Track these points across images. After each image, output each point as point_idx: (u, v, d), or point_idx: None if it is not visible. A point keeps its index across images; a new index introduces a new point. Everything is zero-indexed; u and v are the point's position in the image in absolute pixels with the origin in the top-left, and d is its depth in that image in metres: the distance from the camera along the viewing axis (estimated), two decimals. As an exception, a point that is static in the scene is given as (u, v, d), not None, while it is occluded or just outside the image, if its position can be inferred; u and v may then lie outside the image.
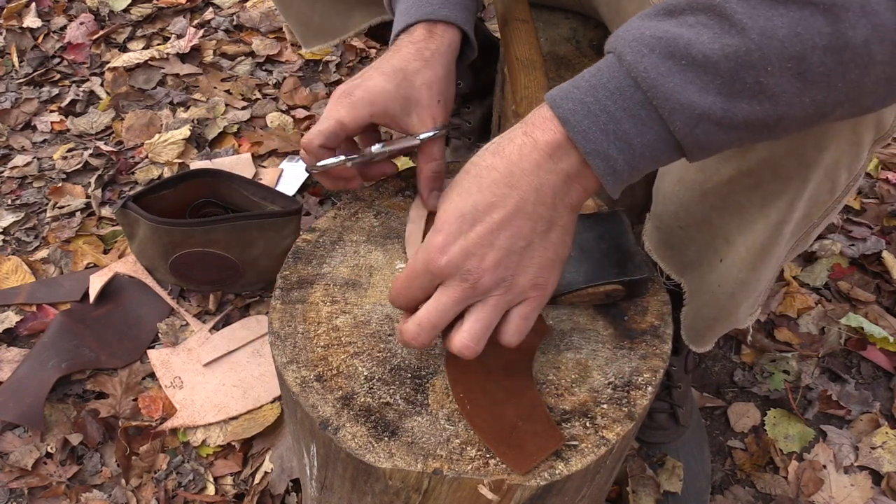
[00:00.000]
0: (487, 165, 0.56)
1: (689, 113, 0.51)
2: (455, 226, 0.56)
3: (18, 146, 1.69)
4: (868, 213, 1.58)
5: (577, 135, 0.53)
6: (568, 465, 0.60)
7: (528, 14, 0.93)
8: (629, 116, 0.52)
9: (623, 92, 0.52)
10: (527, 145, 0.55)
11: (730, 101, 0.51)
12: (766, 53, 0.49)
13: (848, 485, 1.16)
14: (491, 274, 0.56)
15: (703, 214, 0.76)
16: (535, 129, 0.56)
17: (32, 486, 1.12)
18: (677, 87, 0.50)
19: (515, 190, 0.55)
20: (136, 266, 1.40)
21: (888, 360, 1.32)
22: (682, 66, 0.50)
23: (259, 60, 1.94)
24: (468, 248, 0.55)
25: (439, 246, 0.56)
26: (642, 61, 0.51)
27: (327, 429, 0.62)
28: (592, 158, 0.54)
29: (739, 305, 0.82)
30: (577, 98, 0.54)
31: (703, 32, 0.50)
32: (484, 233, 0.55)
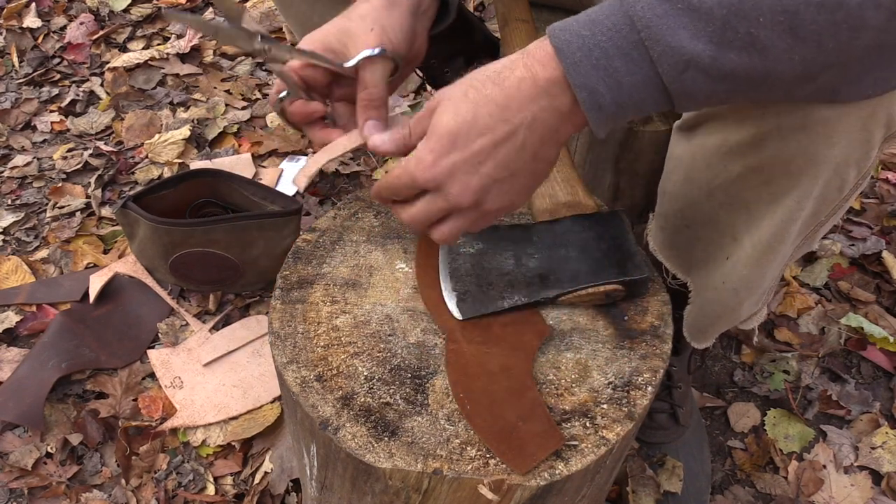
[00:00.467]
0: (486, 94, 0.57)
1: (677, 57, 0.52)
2: (446, 143, 0.57)
3: (18, 146, 1.69)
4: (868, 213, 1.58)
5: (568, 66, 0.54)
6: (568, 465, 0.60)
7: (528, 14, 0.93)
8: (621, 54, 0.53)
9: (619, 29, 0.53)
10: (526, 80, 0.56)
11: (719, 49, 0.51)
12: (759, 3, 0.49)
13: (848, 485, 1.16)
14: (470, 197, 0.59)
15: (711, 212, 0.75)
16: (536, 63, 0.56)
17: (32, 486, 1.12)
18: (670, 30, 0.51)
19: (509, 123, 0.57)
20: (136, 266, 1.40)
21: (888, 360, 1.32)
22: (678, 9, 0.51)
23: (259, 60, 1.94)
24: (455, 168, 0.58)
25: (429, 164, 0.58)
26: (640, 1, 0.52)
27: (327, 429, 0.62)
28: (580, 91, 0.55)
29: (743, 303, 0.82)
30: (574, 30, 0.54)
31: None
32: (471, 156, 0.58)
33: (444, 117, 0.58)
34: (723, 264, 0.79)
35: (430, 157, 0.58)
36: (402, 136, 0.64)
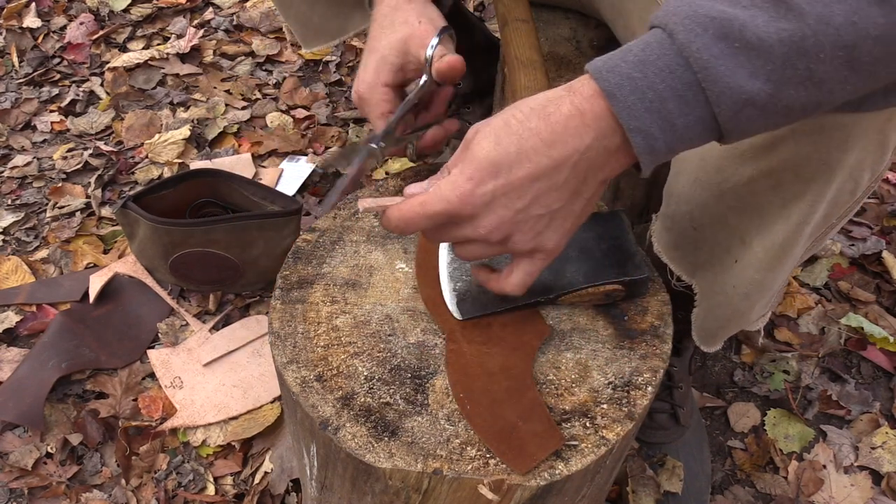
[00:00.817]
0: (531, 127, 0.55)
1: (736, 98, 0.50)
2: (486, 172, 0.55)
3: (18, 146, 1.69)
4: (868, 213, 1.58)
5: (621, 110, 0.52)
6: (568, 465, 0.60)
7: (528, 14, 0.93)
8: (675, 96, 0.51)
9: (672, 70, 0.51)
10: (574, 118, 0.54)
11: (778, 86, 0.50)
12: (820, 40, 0.48)
13: (848, 485, 1.16)
14: (501, 232, 0.57)
15: (720, 215, 0.75)
16: (582, 101, 0.54)
17: (32, 486, 1.12)
18: (728, 71, 0.49)
19: (552, 160, 0.55)
20: (136, 266, 1.40)
21: (888, 360, 1.32)
22: (735, 48, 0.49)
23: (259, 60, 1.94)
24: (493, 198, 0.56)
25: (467, 188, 0.55)
26: (695, 41, 0.50)
27: (327, 429, 0.62)
28: (634, 135, 0.53)
29: (754, 306, 0.82)
30: (623, 72, 0.52)
31: (758, 15, 0.49)
32: (511, 189, 0.55)
33: (484, 144, 0.56)
34: (731, 267, 0.78)
35: (468, 184, 0.55)
36: (441, 175, 0.60)
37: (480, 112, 1.48)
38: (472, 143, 0.57)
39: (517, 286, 0.62)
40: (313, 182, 1.61)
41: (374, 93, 0.77)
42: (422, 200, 0.57)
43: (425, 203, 0.57)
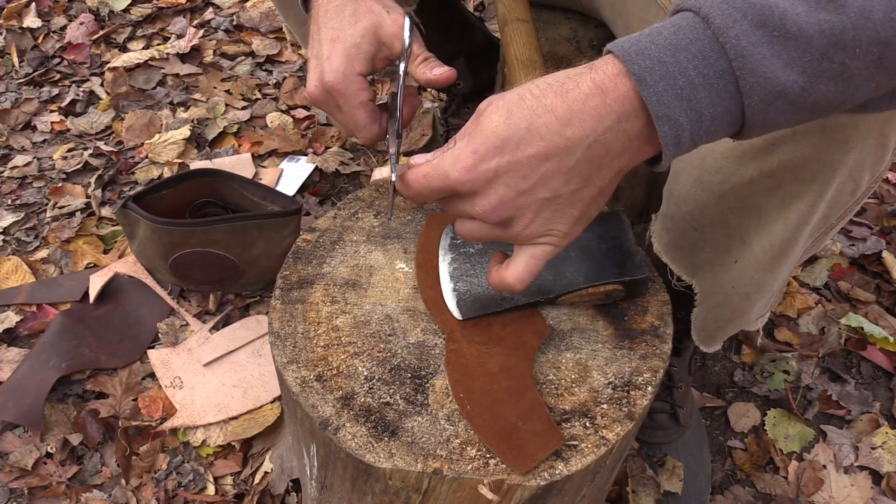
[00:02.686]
0: (546, 103, 0.51)
1: (769, 89, 0.48)
2: (492, 146, 0.52)
3: (18, 146, 1.69)
4: (868, 213, 1.58)
5: (650, 96, 0.49)
6: (568, 465, 0.60)
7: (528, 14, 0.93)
8: (707, 84, 0.48)
9: (706, 57, 0.48)
10: (594, 96, 0.50)
11: (811, 79, 0.48)
12: (859, 34, 0.47)
13: (848, 485, 1.16)
14: (500, 213, 0.54)
15: (720, 215, 0.75)
16: (605, 79, 0.51)
17: (32, 486, 1.12)
18: (765, 60, 0.47)
19: (566, 139, 0.51)
20: (136, 266, 1.40)
21: (888, 360, 1.32)
22: (774, 37, 0.47)
23: (259, 60, 1.94)
24: (496, 175, 0.52)
25: (469, 161, 0.52)
26: (734, 27, 0.47)
27: (327, 429, 0.62)
28: (661, 124, 0.49)
29: (753, 306, 0.82)
30: (654, 55, 0.49)
31: (798, 4, 0.47)
32: (516, 166, 0.52)
33: (494, 118, 0.52)
34: (730, 267, 0.78)
35: (470, 158, 0.52)
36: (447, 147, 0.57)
37: (480, 112, 1.48)
38: (482, 115, 0.54)
39: (516, 278, 0.58)
40: (313, 182, 1.61)
41: (351, 82, 0.70)
42: (424, 172, 0.55)
43: (427, 175, 0.55)
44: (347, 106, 0.71)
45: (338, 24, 0.71)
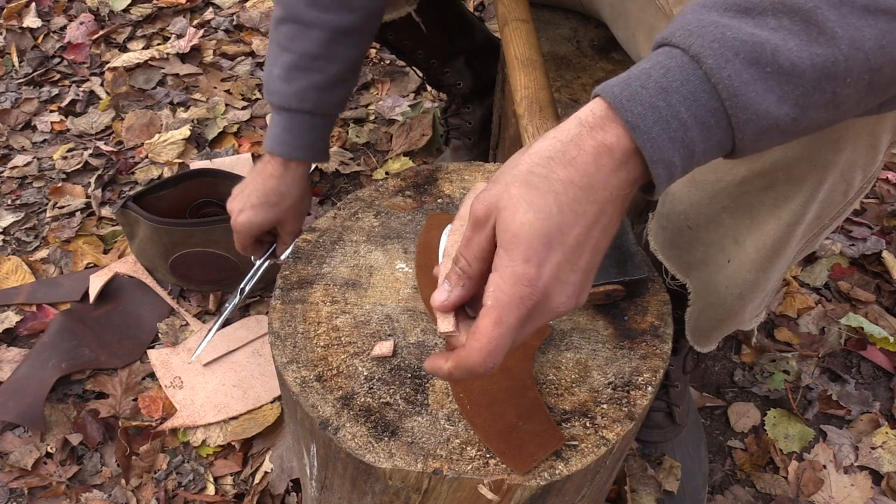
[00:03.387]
0: (562, 179, 0.49)
1: (763, 123, 0.48)
2: (541, 247, 0.49)
3: (18, 146, 1.69)
4: (868, 213, 1.58)
5: (645, 142, 0.49)
6: (568, 465, 0.60)
7: (528, 14, 0.93)
8: (699, 124, 0.48)
9: (697, 97, 0.48)
10: (602, 154, 0.49)
11: (803, 111, 0.48)
12: (850, 65, 0.47)
13: (848, 485, 1.16)
14: (575, 299, 0.51)
15: (713, 214, 0.75)
16: (605, 134, 0.49)
17: (32, 486, 1.12)
18: (757, 97, 0.47)
19: (596, 204, 0.50)
20: (136, 266, 1.40)
21: (888, 360, 1.32)
22: (767, 73, 0.47)
23: (259, 60, 1.94)
24: (559, 270, 0.49)
25: (532, 277, 0.48)
26: (726, 67, 0.47)
27: (327, 429, 0.62)
28: (656, 167, 0.49)
29: (746, 306, 0.82)
30: (646, 101, 0.48)
31: (789, 38, 0.47)
32: (571, 252, 0.50)
33: (521, 219, 0.48)
34: (724, 267, 0.78)
35: (530, 269, 0.48)
36: (462, 271, 0.52)
37: (480, 112, 1.48)
38: (503, 223, 0.49)
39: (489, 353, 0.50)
40: (313, 182, 1.61)
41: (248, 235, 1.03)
42: (495, 319, 0.49)
43: (500, 319, 0.49)
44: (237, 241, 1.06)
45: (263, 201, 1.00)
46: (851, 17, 0.46)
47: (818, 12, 0.46)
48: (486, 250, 0.51)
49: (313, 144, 0.98)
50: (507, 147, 1.23)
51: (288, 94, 0.94)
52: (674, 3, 0.78)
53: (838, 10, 0.46)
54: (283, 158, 0.97)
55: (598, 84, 0.53)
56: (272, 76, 0.95)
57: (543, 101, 0.82)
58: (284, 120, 0.96)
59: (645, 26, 0.86)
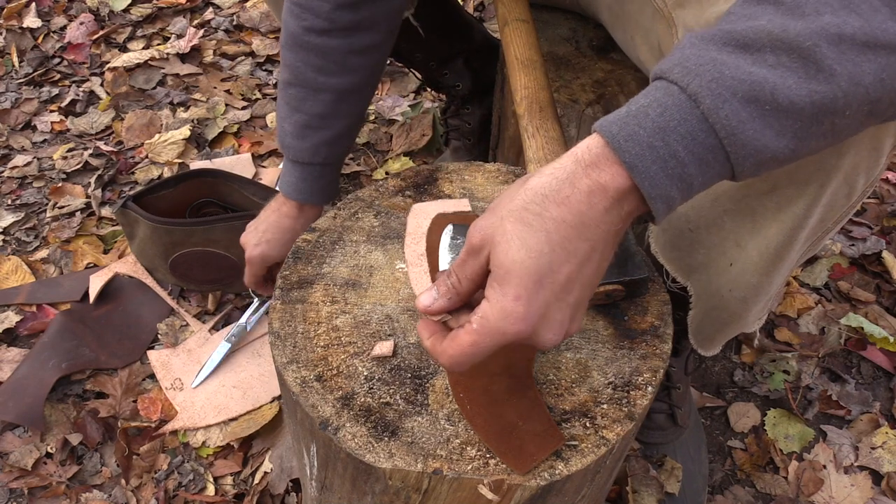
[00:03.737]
0: (555, 218, 0.50)
1: (761, 157, 0.49)
2: (531, 284, 0.50)
3: (18, 146, 1.69)
4: (868, 213, 1.58)
5: (643, 181, 0.50)
6: (568, 465, 0.60)
7: (528, 14, 0.93)
8: (696, 160, 0.49)
9: (695, 136, 0.49)
10: (595, 193, 0.50)
11: (801, 142, 0.49)
12: (850, 100, 0.47)
13: (848, 485, 1.16)
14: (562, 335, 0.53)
15: (715, 217, 0.75)
16: (600, 173, 0.50)
17: (32, 486, 1.12)
18: (756, 134, 0.48)
19: (588, 242, 0.51)
20: (136, 266, 1.40)
21: (888, 360, 1.32)
22: (765, 111, 0.47)
23: (259, 60, 1.94)
24: (547, 308, 0.51)
25: (522, 316, 0.50)
26: (723, 107, 0.47)
27: (327, 429, 0.62)
28: (655, 202, 0.51)
29: (750, 310, 0.82)
30: (643, 141, 0.49)
31: (787, 76, 0.47)
32: (560, 290, 0.52)
33: (513, 256, 0.50)
34: (726, 270, 0.78)
35: (519, 307, 0.50)
36: (453, 287, 0.55)
37: (480, 112, 1.48)
38: (496, 257, 0.51)
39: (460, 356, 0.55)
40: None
41: (262, 267, 1.08)
42: (472, 341, 0.52)
43: (476, 342, 0.52)
44: (248, 273, 1.10)
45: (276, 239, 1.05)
46: (850, 54, 0.46)
47: (816, 50, 0.46)
48: (478, 274, 0.53)
49: (325, 189, 1.04)
50: (506, 147, 1.23)
51: (301, 149, 0.99)
52: (673, 6, 0.77)
53: (837, 46, 0.46)
54: (299, 202, 1.03)
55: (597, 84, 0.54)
56: (284, 132, 1.00)
57: (543, 102, 0.82)
58: (298, 170, 1.01)
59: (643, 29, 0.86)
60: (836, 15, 0.46)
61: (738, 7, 0.51)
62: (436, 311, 0.56)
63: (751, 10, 0.50)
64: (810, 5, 0.47)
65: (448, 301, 0.55)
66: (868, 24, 0.46)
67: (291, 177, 1.02)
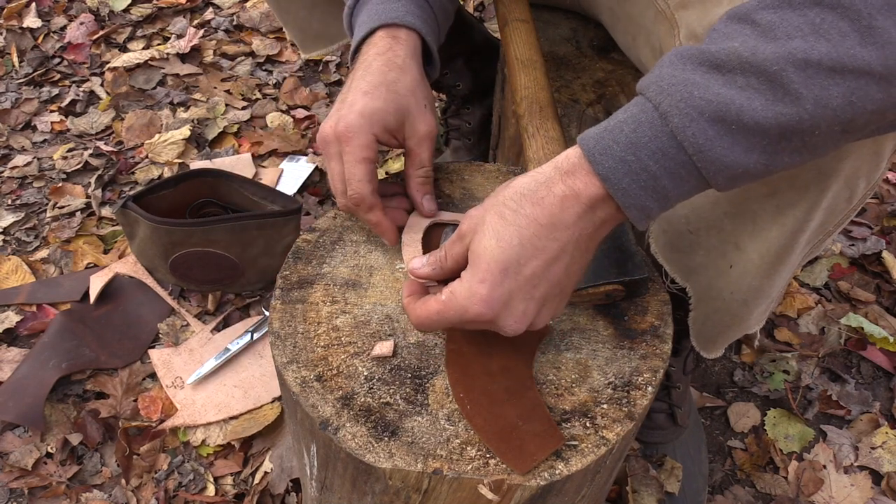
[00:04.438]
0: (528, 215, 0.55)
1: (734, 172, 0.52)
2: (497, 272, 0.55)
3: (18, 146, 1.69)
4: (868, 213, 1.58)
5: (616, 191, 0.54)
6: (568, 465, 0.60)
7: (528, 14, 0.93)
8: (668, 174, 0.53)
9: (666, 152, 0.52)
10: (569, 198, 0.55)
11: (772, 158, 0.51)
12: (817, 121, 0.49)
13: (848, 485, 1.16)
14: (524, 324, 0.58)
15: (715, 219, 0.75)
16: (576, 181, 0.55)
17: (32, 486, 1.12)
18: (725, 150, 0.50)
19: (557, 242, 0.55)
20: (136, 266, 1.40)
21: (888, 360, 1.32)
22: (732, 130, 0.50)
23: (259, 60, 1.94)
24: (510, 297, 0.56)
25: (484, 298, 0.55)
26: (690, 126, 0.50)
27: (327, 429, 0.62)
28: (629, 210, 0.55)
29: (752, 312, 0.82)
30: (617, 155, 0.53)
31: (754, 98, 0.49)
32: (525, 283, 0.56)
33: (486, 244, 0.56)
34: (726, 273, 0.78)
35: (482, 289, 0.55)
36: (439, 260, 0.61)
37: (480, 112, 1.48)
38: (473, 241, 0.57)
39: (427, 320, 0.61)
40: (313, 182, 1.61)
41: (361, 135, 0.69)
42: (437, 309, 0.58)
43: (442, 311, 0.58)
44: (349, 157, 0.70)
45: (375, 82, 0.70)
46: (817, 78, 0.48)
47: (783, 74, 0.48)
48: (462, 256, 0.59)
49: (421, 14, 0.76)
50: (506, 147, 1.23)
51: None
52: (676, 7, 0.77)
53: (804, 71, 0.48)
54: (389, 29, 0.74)
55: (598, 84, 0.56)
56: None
57: (543, 101, 0.82)
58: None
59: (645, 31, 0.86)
60: (805, 40, 0.48)
61: (722, 24, 0.53)
62: (420, 276, 0.62)
63: (731, 28, 0.52)
64: (782, 29, 0.49)
65: (431, 270, 0.61)
66: (836, 49, 0.47)
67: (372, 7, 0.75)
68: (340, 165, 0.71)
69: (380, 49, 0.73)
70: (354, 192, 0.70)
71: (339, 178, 0.71)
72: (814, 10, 0.48)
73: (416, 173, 0.75)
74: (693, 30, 0.73)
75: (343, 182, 0.71)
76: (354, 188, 0.70)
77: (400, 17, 0.74)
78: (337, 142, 0.70)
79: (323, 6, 1.11)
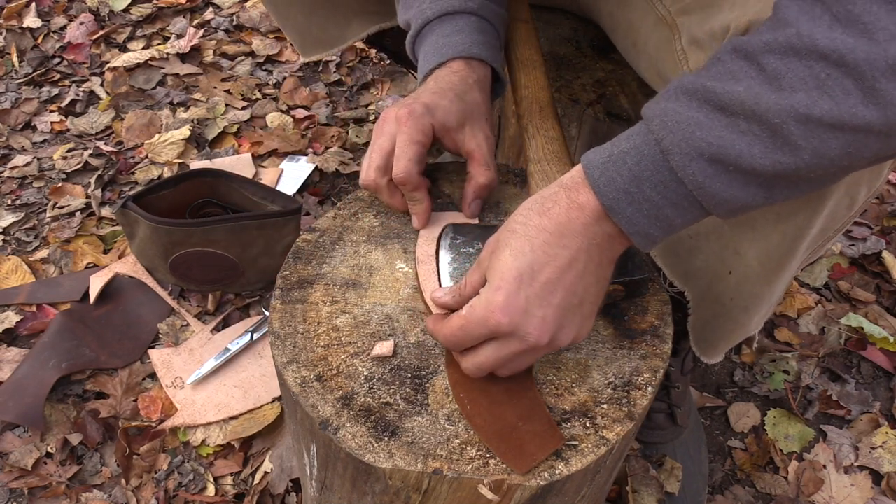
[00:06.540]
0: (536, 225, 0.57)
1: (734, 205, 0.54)
2: (512, 280, 0.56)
3: (18, 146, 1.69)
4: (868, 213, 1.58)
5: (620, 220, 0.56)
6: (568, 465, 0.60)
7: (528, 14, 0.93)
8: (671, 204, 0.55)
9: (667, 185, 0.54)
10: (574, 209, 0.57)
11: (770, 192, 0.53)
12: (814, 168, 0.51)
13: (848, 485, 1.16)
14: (549, 333, 0.58)
15: (715, 225, 0.75)
16: (578, 195, 0.57)
17: (32, 486, 1.12)
18: (724, 187, 0.53)
19: (568, 249, 0.57)
20: (136, 266, 1.40)
21: (888, 360, 1.32)
22: (730, 170, 0.52)
23: (259, 60, 1.94)
24: (528, 304, 0.57)
25: (501, 306, 0.56)
26: (690, 165, 0.52)
27: (327, 429, 0.62)
28: (634, 237, 0.57)
29: (753, 318, 0.82)
30: (620, 187, 0.55)
31: (754, 144, 0.51)
32: (541, 289, 0.57)
33: (499, 256, 0.58)
34: (725, 278, 0.78)
35: (499, 297, 0.56)
36: (459, 288, 0.63)
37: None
38: (490, 260, 0.59)
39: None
40: (313, 182, 1.61)
41: (421, 120, 0.72)
42: (459, 325, 0.59)
43: (464, 326, 0.59)
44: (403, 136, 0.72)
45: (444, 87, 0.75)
46: (817, 132, 0.49)
47: (784, 127, 0.49)
48: (479, 283, 0.61)
49: (487, 41, 0.79)
50: (506, 147, 1.23)
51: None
52: (677, 13, 0.77)
53: (804, 125, 0.49)
54: (463, 60, 0.78)
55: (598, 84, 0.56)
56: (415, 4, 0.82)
57: (543, 101, 0.82)
58: (447, 27, 0.79)
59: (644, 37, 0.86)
60: (808, 94, 0.48)
61: (727, 56, 0.53)
62: (441, 304, 0.64)
63: (736, 66, 0.52)
64: (787, 80, 0.49)
65: (451, 299, 0.63)
66: (838, 107, 0.48)
67: (440, 39, 0.79)
68: (390, 143, 0.73)
69: (453, 70, 0.77)
70: (402, 170, 0.72)
71: (381, 154, 0.73)
72: (819, 63, 0.48)
73: (481, 171, 0.76)
74: (694, 35, 0.72)
75: (383, 157, 0.73)
76: (403, 166, 0.72)
77: (472, 50, 0.78)
78: (395, 121, 0.73)
79: (321, 13, 1.11)
